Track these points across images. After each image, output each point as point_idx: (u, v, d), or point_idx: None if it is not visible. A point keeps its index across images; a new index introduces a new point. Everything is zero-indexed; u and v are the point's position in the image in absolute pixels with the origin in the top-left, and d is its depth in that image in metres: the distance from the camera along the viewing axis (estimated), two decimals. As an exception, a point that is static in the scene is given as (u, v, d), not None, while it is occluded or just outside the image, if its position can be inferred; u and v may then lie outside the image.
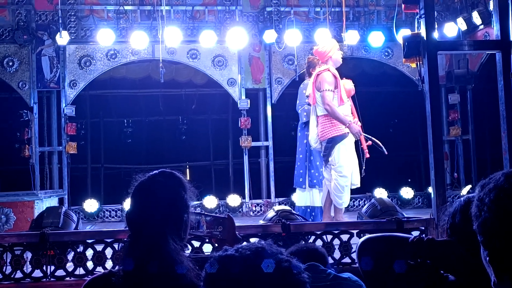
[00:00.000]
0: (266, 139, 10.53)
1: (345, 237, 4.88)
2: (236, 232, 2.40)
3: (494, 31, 5.27)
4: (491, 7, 6.33)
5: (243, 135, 10.31)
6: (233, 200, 10.22)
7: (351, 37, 10.10)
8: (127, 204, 10.27)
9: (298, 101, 7.54)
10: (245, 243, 1.52)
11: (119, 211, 10.07)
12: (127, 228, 2.18)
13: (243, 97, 10.33)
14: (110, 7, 10.22)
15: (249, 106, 10.31)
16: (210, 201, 10.04)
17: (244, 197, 10.33)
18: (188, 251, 3.99)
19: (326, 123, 6.88)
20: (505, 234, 1.45)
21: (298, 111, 7.51)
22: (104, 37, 9.76)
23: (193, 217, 2.32)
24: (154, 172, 2.26)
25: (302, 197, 7.49)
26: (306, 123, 7.46)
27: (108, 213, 10.12)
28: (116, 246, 4.89)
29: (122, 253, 2.18)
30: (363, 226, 5.00)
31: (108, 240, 4.89)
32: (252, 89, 10.55)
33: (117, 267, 2.13)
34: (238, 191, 10.58)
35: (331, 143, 6.82)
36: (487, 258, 1.50)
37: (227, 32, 10.02)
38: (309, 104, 7.33)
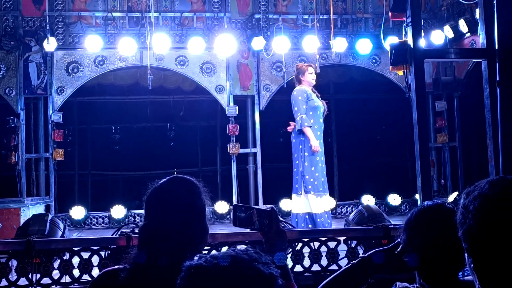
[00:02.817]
0: (254, 146, 10.54)
1: (332, 244, 4.88)
2: (280, 224, 2.38)
3: (480, 39, 5.31)
4: (477, 15, 6.37)
5: (231, 142, 10.31)
6: (221, 207, 10.21)
7: (339, 44, 10.15)
8: (114, 211, 10.25)
9: (296, 108, 7.52)
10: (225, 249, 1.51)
11: (106, 218, 10.03)
12: (116, 236, 2.16)
13: (231, 103, 10.34)
14: (98, 14, 10.20)
15: (237, 113, 10.31)
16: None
17: (232, 204, 10.31)
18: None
19: None
20: (489, 241, 1.46)
21: (297, 118, 7.50)
22: (92, 43, 9.74)
23: (243, 214, 2.30)
24: (167, 179, 2.22)
25: (299, 204, 7.48)
26: (302, 132, 7.46)
27: (95, 220, 10.07)
28: (102, 253, 4.86)
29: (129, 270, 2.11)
30: (350, 233, 5.00)
31: (95, 248, 4.86)
32: (241, 96, 10.56)
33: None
34: (226, 198, 10.57)
35: None
36: (472, 265, 1.51)
37: (215, 39, 10.03)
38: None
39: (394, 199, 10.68)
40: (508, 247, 1.44)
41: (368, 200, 10.43)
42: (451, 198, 9.40)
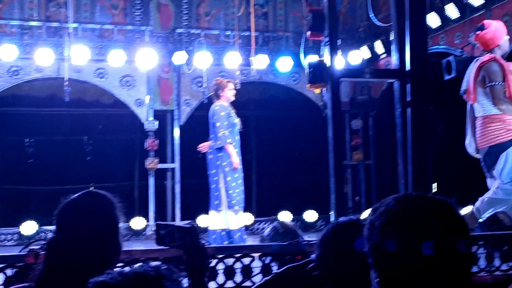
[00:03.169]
0: (173, 161, 10.45)
1: (247, 260, 4.88)
2: (201, 241, 2.34)
3: (393, 61, 5.50)
4: (392, 37, 6.62)
5: (149, 157, 10.18)
6: (137, 223, 10.03)
7: (260, 61, 10.26)
8: (25, 227, 9.83)
9: (218, 124, 7.48)
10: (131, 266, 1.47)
11: (16, 235, 9.64)
12: (23, 253, 2.08)
13: (151, 118, 10.22)
14: (14, 22, 9.86)
15: (156, 127, 10.21)
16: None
17: (148, 220, 10.16)
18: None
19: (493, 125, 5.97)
20: (394, 256, 1.49)
21: (219, 134, 7.45)
22: (7, 52, 9.39)
23: (164, 232, 2.24)
24: (80, 193, 2.15)
25: (217, 221, 7.43)
26: (221, 148, 7.43)
27: (4, 236, 9.66)
28: (8, 271, 4.65)
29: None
30: (264, 249, 5.01)
31: (0, 266, 4.64)
32: (160, 111, 10.46)
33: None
34: (143, 213, 10.40)
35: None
36: (377, 279, 1.54)
37: (136, 52, 9.91)
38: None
39: (310, 216, 10.83)
40: (412, 263, 1.48)
41: (285, 216, 10.52)
42: (365, 214, 9.63)
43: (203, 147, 7.69)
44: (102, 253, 2.03)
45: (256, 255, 4.88)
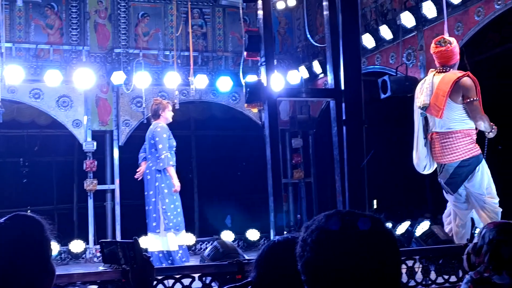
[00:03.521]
0: (113, 182, 10.29)
1: (186, 281, 4.84)
2: (143, 254, 2.29)
3: (329, 80, 5.61)
4: (328, 58, 6.76)
5: (88, 178, 10.00)
6: (76, 246, 9.80)
7: (200, 81, 10.27)
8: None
9: (161, 146, 7.38)
10: None
11: None
12: None
13: (89, 139, 10.06)
14: None
15: (95, 148, 10.05)
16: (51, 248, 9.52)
17: (88, 243, 9.95)
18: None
19: (466, 139, 5.96)
20: (325, 273, 1.50)
21: (162, 156, 7.35)
22: None
23: (107, 249, 2.19)
24: (7, 217, 2.08)
25: (156, 242, 7.32)
26: (161, 170, 7.36)
27: None
28: None
29: None
30: (205, 269, 4.99)
31: None
32: (99, 131, 10.31)
33: None
34: (82, 236, 10.18)
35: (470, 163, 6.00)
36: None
37: (73, 72, 9.77)
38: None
39: (252, 234, 10.84)
40: (342, 278, 1.50)
41: (227, 235, 10.50)
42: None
43: (139, 173, 7.61)
44: (30, 278, 1.96)
45: (196, 275, 4.85)
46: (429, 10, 8.28)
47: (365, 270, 1.49)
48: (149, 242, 7.46)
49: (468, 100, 5.81)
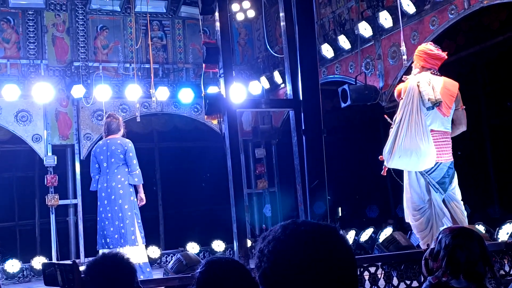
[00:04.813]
0: (75, 197, 10.17)
1: (150, 294, 4.82)
2: (82, 276, 2.28)
3: (288, 91, 5.65)
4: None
5: (49, 193, 9.86)
6: (39, 262, 9.62)
7: (161, 93, 10.24)
8: None
9: (135, 161, 7.33)
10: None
11: None
12: None
13: (50, 153, 9.94)
14: None
15: (56, 163, 9.92)
16: (13, 265, 9.35)
17: (51, 259, 9.79)
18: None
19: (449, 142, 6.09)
20: (283, 283, 1.52)
21: (137, 172, 7.32)
22: None
23: (47, 271, 2.21)
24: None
25: (137, 255, 7.25)
26: (131, 184, 7.31)
27: None
28: None
29: None
30: (168, 282, 4.97)
31: None
32: (60, 145, 10.19)
33: None
34: (45, 252, 10.01)
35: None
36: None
37: (32, 86, 9.64)
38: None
39: (218, 246, 10.82)
40: (298, 286, 1.51)
41: (193, 247, 10.46)
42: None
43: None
44: None
45: (159, 289, 4.83)
46: (385, 20, 8.42)
47: (321, 279, 1.51)
48: (134, 255, 7.38)
49: (462, 107, 5.99)
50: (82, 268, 2.25)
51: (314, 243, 1.58)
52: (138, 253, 7.28)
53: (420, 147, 5.81)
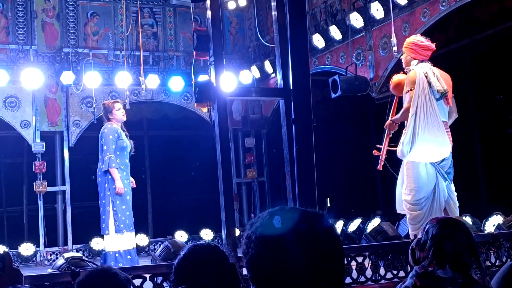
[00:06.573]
0: (63, 184, 10.14)
1: (137, 281, 4.82)
2: (14, 264, 2.33)
3: (278, 80, 5.64)
4: (278, 57, 6.79)
5: (37, 180, 9.82)
6: (26, 249, 9.61)
7: (151, 81, 10.21)
8: None
9: (105, 147, 7.24)
10: None
11: None
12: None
13: (38, 140, 9.88)
14: None
15: (44, 149, 9.87)
16: None
17: (38, 246, 9.77)
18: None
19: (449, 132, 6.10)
20: (269, 269, 1.53)
21: (105, 158, 7.23)
22: None
23: None
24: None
25: (109, 242, 7.21)
26: (107, 170, 7.24)
27: None
28: None
29: None
30: (156, 269, 4.98)
31: None
32: (48, 132, 10.14)
33: None
34: (33, 239, 9.99)
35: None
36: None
37: (21, 72, 9.57)
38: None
39: (206, 234, 10.84)
40: (285, 274, 1.52)
41: (181, 236, 10.47)
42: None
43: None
44: None
45: (147, 275, 4.83)
46: (377, 11, 8.43)
47: (308, 265, 1.52)
48: (105, 243, 7.36)
49: (453, 96, 6.01)
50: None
51: (302, 229, 1.58)
52: (110, 241, 7.21)
53: (439, 137, 5.88)
